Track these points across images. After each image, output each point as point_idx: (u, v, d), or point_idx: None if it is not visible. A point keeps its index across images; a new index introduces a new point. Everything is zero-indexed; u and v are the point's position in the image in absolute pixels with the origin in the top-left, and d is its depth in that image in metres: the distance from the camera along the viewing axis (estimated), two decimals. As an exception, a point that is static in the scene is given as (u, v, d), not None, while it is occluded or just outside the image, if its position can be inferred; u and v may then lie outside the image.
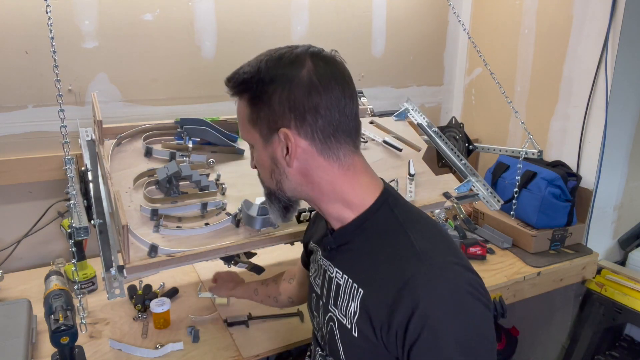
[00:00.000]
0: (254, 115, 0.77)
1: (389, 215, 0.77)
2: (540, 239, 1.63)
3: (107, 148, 1.17)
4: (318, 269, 0.88)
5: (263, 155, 0.79)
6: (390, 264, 0.71)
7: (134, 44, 1.52)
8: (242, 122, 0.80)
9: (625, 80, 1.59)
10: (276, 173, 0.78)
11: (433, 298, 0.65)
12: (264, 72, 0.76)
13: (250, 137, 0.79)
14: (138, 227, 1.03)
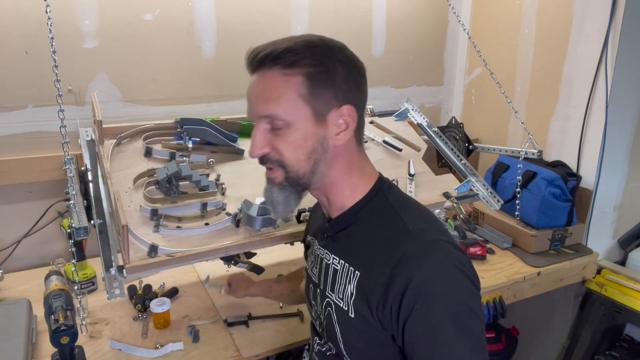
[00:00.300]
0: (312, 91, 0.74)
1: (384, 201, 0.81)
2: (540, 239, 1.63)
3: (107, 148, 1.17)
4: (315, 259, 0.89)
5: (309, 133, 0.75)
6: (385, 244, 0.75)
7: (134, 44, 1.52)
8: (289, 97, 0.74)
9: (625, 80, 1.59)
10: (318, 153, 0.76)
11: (425, 273, 0.69)
12: (328, 50, 0.76)
13: (295, 113, 0.74)
14: (138, 227, 1.03)
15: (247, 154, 1.30)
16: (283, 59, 0.73)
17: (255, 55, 0.75)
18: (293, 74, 0.74)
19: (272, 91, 0.74)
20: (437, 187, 1.34)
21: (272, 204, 0.81)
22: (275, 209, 0.81)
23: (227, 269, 1.45)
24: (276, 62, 0.74)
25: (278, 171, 0.78)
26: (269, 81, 0.75)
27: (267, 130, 0.77)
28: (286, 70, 0.74)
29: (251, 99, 0.77)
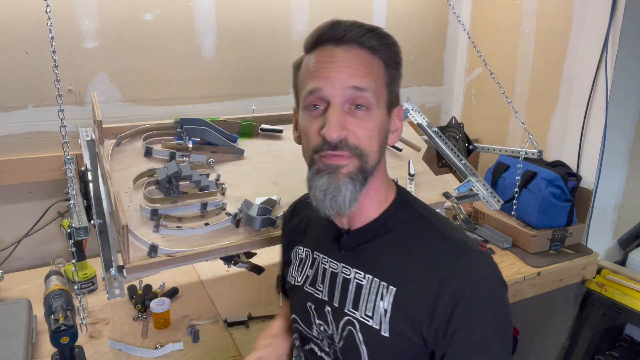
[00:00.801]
0: (389, 80, 0.74)
1: (412, 211, 0.78)
2: (540, 239, 1.62)
3: (107, 148, 1.17)
4: (318, 274, 0.82)
5: (383, 123, 0.73)
6: (426, 257, 0.72)
7: (134, 44, 1.52)
8: (377, 77, 0.72)
9: (625, 80, 1.59)
10: (383, 147, 0.75)
11: (475, 286, 0.68)
12: (398, 46, 0.75)
13: (379, 96, 0.72)
14: (138, 227, 1.03)
15: (247, 154, 1.30)
16: (370, 41, 0.71)
17: (344, 28, 0.71)
18: (376, 58, 0.72)
19: (365, 66, 0.71)
20: (437, 187, 1.34)
21: (336, 196, 0.71)
22: (336, 203, 0.71)
23: (227, 269, 1.45)
24: (364, 41, 0.71)
25: (351, 159, 0.71)
26: (359, 56, 0.71)
27: (346, 110, 0.70)
28: (370, 52, 0.72)
29: (336, 70, 0.70)
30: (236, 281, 1.44)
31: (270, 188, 1.22)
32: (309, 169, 0.75)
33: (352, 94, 0.69)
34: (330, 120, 0.68)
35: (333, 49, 0.71)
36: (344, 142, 0.69)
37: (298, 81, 0.79)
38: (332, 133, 0.68)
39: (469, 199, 1.37)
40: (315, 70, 0.72)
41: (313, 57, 0.73)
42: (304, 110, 0.74)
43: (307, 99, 0.72)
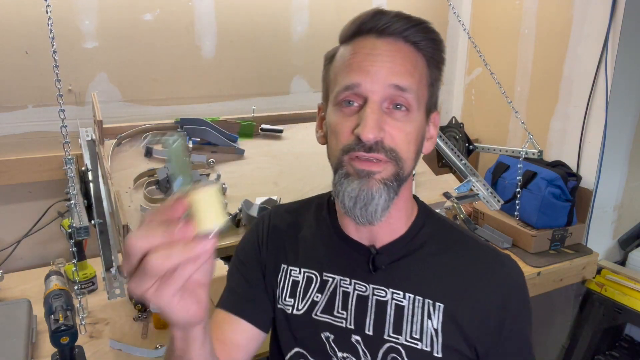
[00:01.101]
0: (431, 79, 0.68)
1: (437, 221, 0.75)
2: (540, 239, 1.62)
3: (107, 148, 1.17)
4: (336, 299, 0.72)
5: (422, 127, 0.68)
6: (468, 268, 0.69)
7: (134, 44, 1.52)
8: (421, 77, 0.66)
9: (625, 80, 1.59)
10: (419, 154, 0.69)
11: (518, 293, 0.71)
12: (443, 44, 0.69)
13: (421, 97, 0.66)
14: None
15: (247, 154, 1.30)
16: (416, 35, 0.65)
17: (388, 18, 0.65)
18: (420, 55, 0.66)
19: (409, 63, 0.64)
20: (437, 187, 1.34)
21: (367, 204, 0.64)
22: (367, 212, 0.64)
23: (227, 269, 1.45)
24: (409, 35, 0.65)
25: (387, 164, 0.64)
26: (404, 51, 0.65)
27: (384, 109, 0.64)
28: (415, 47, 0.66)
29: (378, 64, 0.63)
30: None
31: (270, 188, 1.22)
32: (336, 172, 0.67)
33: (393, 93, 0.63)
34: (367, 119, 0.61)
35: (375, 41, 0.65)
36: (380, 144, 0.63)
37: (330, 74, 0.71)
38: (369, 133, 0.61)
39: (469, 199, 1.37)
40: (354, 62, 0.65)
41: (350, 48, 0.67)
42: (335, 106, 0.67)
43: (341, 95, 0.65)
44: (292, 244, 0.79)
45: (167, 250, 0.42)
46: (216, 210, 0.44)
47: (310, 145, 1.36)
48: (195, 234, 0.43)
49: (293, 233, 0.79)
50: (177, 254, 0.42)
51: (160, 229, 0.43)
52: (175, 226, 0.43)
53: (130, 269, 0.44)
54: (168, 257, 0.42)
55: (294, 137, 1.39)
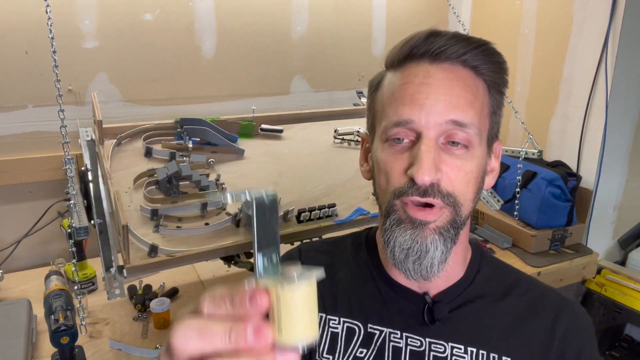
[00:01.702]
0: (493, 107, 0.61)
1: (491, 262, 0.68)
2: (540, 239, 1.62)
3: (107, 148, 1.17)
4: (386, 355, 0.63)
5: (483, 163, 0.60)
6: (532, 316, 0.63)
7: (134, 44, 1.52)
8: (482, 107, 0.59)
9: (625, 80, 1.59)
10: (479, 193, 0.61)
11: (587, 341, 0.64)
12: (505, 64, 0.62)
13: (482, 130, 0.58)
14: (138, 227, 1.03)
15: (247, 154, 1.30)
16: (476, 59, 0.58)
17: (444, 40, 0.57)
18: (480, 81, 0.59)
19: (469, 92, 0.57)
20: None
21: (421, 258, 0.57)
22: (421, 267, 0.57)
23: (227, 269, 1.45)
24: (468, 60, 0.58)
25: (443, 210, 0.57)
26: (462, 78, 0.57)
27: (440, 146, 0.56)
28: (475, 73, 0.59)
29: (433, 95, 0.56)
30: (236, 281, 1.44)
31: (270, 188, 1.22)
32: (386, 218, 0.60)
33: (451, 129, 0.56)
34: (422, 159, 0.54)
35: (429, 67, 0.57)
36: (436, 188, 0.56)
37: (376, 104, 0.63)
38: (425, 175, 0.54)
39: (469, 199, 1.37)
40: (405, 94, 0.57)
41: (400, 76, 0.59)
42: (383, 142, 0.60)
43: (391, 131, 0.58)
44: (329, 290, 0.68)
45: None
46: (309, 317, 0.33)
47: (310, 145, 1.36)
48: (272, 342, 0.32)
49: (329, 277, 0.69)
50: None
51: (224, 327, 0.32)
52: (245, 326, 0.31)
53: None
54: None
55: (294, 137, 1.39)
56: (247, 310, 0.31)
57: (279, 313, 0.32)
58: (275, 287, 0.32)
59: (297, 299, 0.32)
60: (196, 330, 0.32)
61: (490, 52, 0.60)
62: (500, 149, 0.65)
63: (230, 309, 0.32)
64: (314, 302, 0.33)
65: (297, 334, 0.32)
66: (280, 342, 0.32)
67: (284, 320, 0.32)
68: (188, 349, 0.32)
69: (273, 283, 0.33)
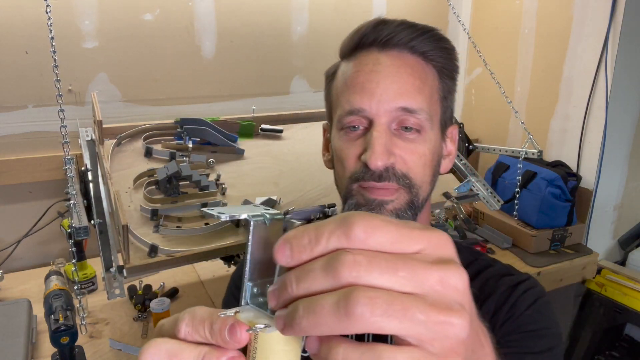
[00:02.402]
0: (444, 92, 0.62)
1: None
2: (540, 239, 1.62)
3: (107, 148, 1.17)
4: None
5: (437, 146, 0.61)
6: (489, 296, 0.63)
7: (134, 44, 1.52)
8: (432, 92, 0.60)
9: (625, 80, 1.59)
10: (436, 175, 0.63)
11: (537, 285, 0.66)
12: (455, 52, 0.63)
13: (434, 114, 0.60)
14: (138, 227, 1.03)
15: (247, 154, 1.30)
16: (424, 45, 0.59)
17: (392, 28, 0.59)
18: (430, 67, 0.60)
19: (418, 78, 0.58)
20: (437, 187, 1.34)
21: None
22: None
23: (227, 269, 1.45)
24: (416, 46, 0.59)
25: (398, 192, 0.59)
26: (410, 65, 0.58)
27: (393, 131, 0.58)
28: (424, 59, 0.60)
29: (383, 83, 0.57)
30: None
31: (270, 188, 1.22)
32: (345, 202, 0.62)
33: (402, 115, 0.58)
34: (374, 145, 0.56)
35: (378, 55, 0.59)
36: (391, 171, 0.57)
37: (331, 94, 0.66)
38: (377, 160, 0.56)
39: (469, 199, 1.37)
40: (357, 83, 0.59)
41: (352, 65, 0.61)
42: (339, 131, 0.62)
43: (345, 119, 0.60)
44: None
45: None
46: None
47: (310, 145, 1.36)
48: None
49: None
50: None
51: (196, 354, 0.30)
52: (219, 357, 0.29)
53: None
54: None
55: (294, 137, 1.39)
56: (224, 341, 0.29)
57: (255, 353, 0.29)
58: (254, 325, 0.29)
59: (274, 343, 0.29)
60: (166, 354, 0.30)
61: (438, 37, 0.61)
62: (457, 133, 0.66)
63: (208, 335, 0.30)
64: (295, 348, 0.30)
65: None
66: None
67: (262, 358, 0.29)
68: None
69: (254, 319, 0.30)
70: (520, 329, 0.61)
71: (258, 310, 0.31)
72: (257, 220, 0.31)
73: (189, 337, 0.31)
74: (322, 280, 0.25)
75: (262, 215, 0.32)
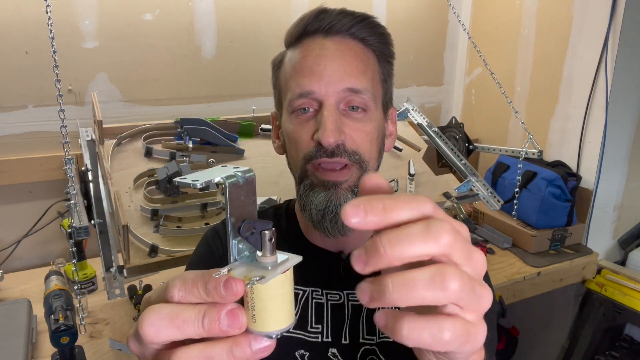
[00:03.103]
0: (384, 75, 0.66)
1: None
2: (540, 239, 1.62)
3: (107, 148, 1.17)
4: (310, 312, 0.67)
5: (381, 125, 0.66)
6: None
7: (134, 44, 1.52)
8: (374, 74, 0.64)
9: (625, 80, 1.59)
10: (382, 153, 0.68)
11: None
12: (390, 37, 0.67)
13: (376, 95, 0.64)
14: (138, 227, 1.03)
15: (247, 154, 1.30)
16: (362, 31, 0.63)
17: (333, 16, 0.63)
18: (369, 51, 0.64)
19: (361, 61, 0.62)
20: (437, 187, 1.34)
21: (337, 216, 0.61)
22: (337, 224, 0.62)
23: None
24: (355, 32, 0.63)
25: (352, 169, 0.62)
26: (353, 49, 0.62)
27: (341, 111, 0.62)
28: (363, 44, 0.64)
29: (330, 65, 0.61)
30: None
31: (270, 188, 1.22)
32: (300, 183, 0.65)
33: (348, 96, 0.62)
34: (325, 123, 0.59)
35: (323, 41, 0.63)
36: (342, 148, 0.61)
37: (280, 81, 0.68)
38: (329, 137, 0.59)
39: (469, 199, 1.37)
40: (305, 67, 0.62)
41: (299, 51, 0.64)
42: (290, 114, 0.65)
43: (295, 102, 0.63)
44: None
45: (204, 350, 0.31)
46: (284, 305, 0.32)
47: (310, 145, 1.35)
48: (246, 328, 0.31)
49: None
50: (220, 358, 0.31)
51: (197, 313, 0.31)
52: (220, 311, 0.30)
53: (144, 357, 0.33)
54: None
55: (294, 137, 1.39)
56: (221, 296, 0.30)
57: (253, 303, 0.31)
58: (248, 277, 0.31)
59: (271, 290, 0.31)
60: (167, 318, 0.31)
61: (374, 24, 0.65)
62: (395, 114, 0.72)
63: (204, 294, 0.31)
64: (289, 291, 0.32)
65: (272, 323, 0.31)
66: (255, 331, 0.31)
67: (258, 310, 0.31)
68: (158, 338, 0.31)
69: (247, 273, 0.31)
70: None
71: (248, 264, 0.33)
72: (231, 181, 0.33)
73: (183, 300, 0.32)
74: (421, 244, 0.29)
75: (235, 175, 0.33)
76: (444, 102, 2.21)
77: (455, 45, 2.15)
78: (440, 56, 2.13)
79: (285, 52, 0.68)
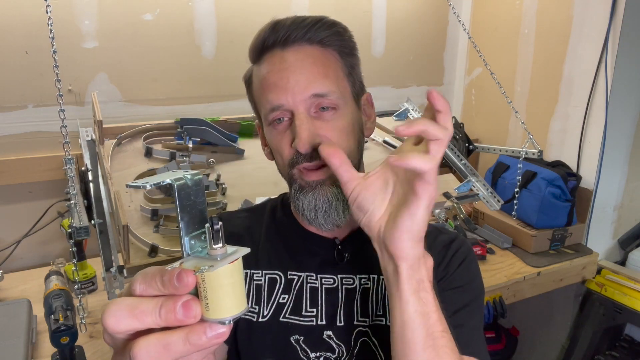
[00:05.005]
0: (348, 68, 0.69)
1: None
2: (540, 239, 1.62)
3: (107, 148, 1.17)
4: (304, 297, 0.70)
5: (355, 117, 0.69)
6: (430, 243, 0.73)
7: (134, 44, 1.52)
8: (337, 73, 0.67)
9: (625, 80, 1.59)
10: (361, 143, 0.70)
11: (468, 246, 0.78)
12: (348, 31, 0.70)
13: (344, 92, 0.67)
14: (138, 227, 1.03)
15: (247, 153, 1.30)
16: (318, 34, 0.66)
17: (286, 27, 0.67)
18: (329, 50, 0.67)
19: (321, 65, 0.65)
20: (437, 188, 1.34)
21: (327, 211, 0.66)
22: (330, 217, 0.66)
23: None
24: (311, 37, 0.66)
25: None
26: (312, 55, 0.66)
27: (313, 115, 0.65)
28: (322, 46, 0.67)
29: (292, 78, 0.64)
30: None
31: (270, 188, 1.22)
32: (290, 187, 0.70)
33: (316, 101, 0.65)
34: (300, 133, 0.63)
35: (282, 54, 0.66)
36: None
37: (254, 97, 0.72)
38: (305, 144, 0.63)
39: (469, 199, 1.37)
40: (270, 83, 0.66)
41: (263, 67, 0.68)
42: (269, 126, 0.69)
43: (270, 116, 0.67)
44: (251, 248, 0.74)
45: (162, 338, 0.34)
46: (234, 293, 0.35)
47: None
48: (201, 317, 0.34)
49: (249, 238, 0.77)
50: (177, 345, 0.34)
51: (154, 304, 0.34)
52: (175, 302, 0.34)
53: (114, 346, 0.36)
54: (166, 348, 0.34)
55: (294, 137, 1.39)
56: (175, 287, 0.33)
57: (205, 292, 0.34)
58: (198, 267, 0.33)
59: (221, 278, 0.34)
60: (127, 310, 0.34)
61: (327, 24, 0.68)
62: (371, 98, 0.74)
63: (161, 287, 0.34)
64: (239, 279, 0.35)
65: (224, 310, 0.34)
66: (209, 319, 0.34)
67: (211, 298, 0.34)
68: (119, 328, 0.34)
69: (198, 264, 0.34)
70: (451, 285, 0.70)
71: (199, 258, 0.36)
72: (179, 183, 0.36)
73: (144, 293, 0.35)
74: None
75: (184, 177, 0.36)
76: (444, 102, 2.21)
77: (455, 45, 2.15)
78: (440, 56, 2.13)
79: (252, 69, 0.72)
